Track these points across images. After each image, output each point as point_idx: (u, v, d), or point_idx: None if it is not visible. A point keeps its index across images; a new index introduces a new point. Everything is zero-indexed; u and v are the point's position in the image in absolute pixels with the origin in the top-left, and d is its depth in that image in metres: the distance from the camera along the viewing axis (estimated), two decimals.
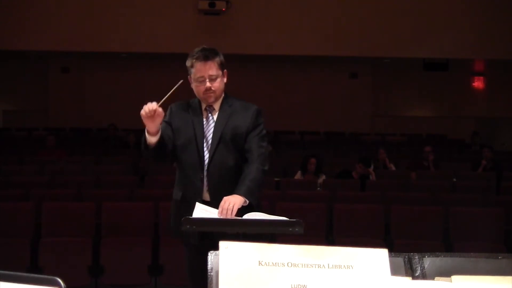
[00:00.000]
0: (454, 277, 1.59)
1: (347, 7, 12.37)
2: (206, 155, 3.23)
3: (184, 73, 3.36)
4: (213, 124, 3.27)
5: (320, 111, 14.26)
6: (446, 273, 1.64)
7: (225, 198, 2.96)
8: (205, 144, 3.24)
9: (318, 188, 7.92)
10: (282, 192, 7.33)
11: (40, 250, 5.70)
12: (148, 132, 3.06)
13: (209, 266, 1.55)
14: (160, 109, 2.97)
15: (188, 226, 2.69)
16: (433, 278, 1.64)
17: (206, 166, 3.21)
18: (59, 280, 1.16)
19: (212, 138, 3.24)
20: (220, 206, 2.92)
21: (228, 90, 3.40)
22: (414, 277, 1.66)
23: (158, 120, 3.00)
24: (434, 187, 7.85)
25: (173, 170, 3.40)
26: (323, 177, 8.26)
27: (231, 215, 2.88)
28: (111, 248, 5.77)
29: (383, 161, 9.30)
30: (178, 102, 3.43)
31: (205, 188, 3.21)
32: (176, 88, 2.97)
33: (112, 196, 6.78)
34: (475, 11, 12.33)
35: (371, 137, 13.47)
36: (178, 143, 3.27)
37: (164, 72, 14.07)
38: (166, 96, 2.99)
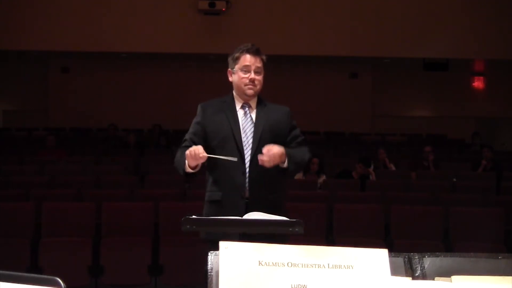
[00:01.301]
0: (454, 277, 1.59)
1: (347, 7, 12.37)
2: (247, 151, 3.28)
3: (184, 73, 3.39)
4: (251, 121, 3.34)
5: (320, 111, 14.25)
6: (446, 273, 1.64)
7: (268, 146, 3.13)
8: (244, 140, 3.30)
9: (319, 188, 7.92)
10: None
11: (40, 250, 5.70)
12: (188, 165, 3.16)
13: (209, 266, 1.55)
14: (205, 155, 3.08)
15: (188, 226, 2.68)
16: (433, 278, 1.64)
17: (249, 162, 3.27)
18: (59, 280, 1.16)
19: (254, 134, 3.30)
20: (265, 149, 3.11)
21: (230, 90, 3.44)
22: (414, 277, 1.66)
23: (200, 161, 3.11)
24: (434, 187, 7.85)
25: (173, 170, 3.39)
26: (323, 177, 8.26)
27: (271, 156, 3.09)
28: (111, 248, 5.77)
29: (383, 161, 9.30)
30: (209, 101, 3.47)
31: (247, 183, 3.26)
32: (225, 159, 3.13)
33: (112, 196, 6.78)
34: (475, 11, 12.32)
35: (371, 137, 13.46)
36: (214, 143, 3.30)
37: (164, 72, 14.11)
38: (215, 156, 3.15)
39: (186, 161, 3.15)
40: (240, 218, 2.81)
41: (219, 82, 16.74)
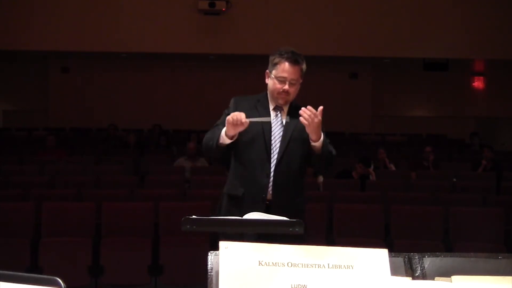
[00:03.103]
0: (454, 277, 1.59)
1: (347, 7, 12.37)
2: (274, 153, 3.26)
3: (184, 73, 3.38)
4: (281, 124, 3.31)
5: None
6: (446, 273, 1.64)
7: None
8: (272, 142, 3.28)
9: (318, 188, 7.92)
10: None
11: (40, 250, 5.70)
12: (226, 135, 3.12)
13: (209, 266, 1.55)
14: (247, 122, 3.04)
15: (188, 226, 2.68)
16: (433, 278, 1.64)
17: (274, 165, 3.25)
18: (59, 280, 1.16)
19: (282, 137, 3.28)
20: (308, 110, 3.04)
21: (230, 90, 3.43)
22: (414, 277, 1.66)
23: (240, 128, 3.07)
24: (434, 187, 7.85)
25: (172, 171, 3.40)
26: (321, 177, 8.24)
27: (315, 116, 3.03)
28: (111, 248, 5.77)
29: (383, 161, 9.31)
30: (243, 96, 3.45)
31: (270, 186, 3.24)
32: (263, 120, 3.14)
33: (112, 196, 6.78)
34: (475, 11, 12.32)
35: (371, 137, 13.46)
36: (243, 139, 3.27)
37: (164, 72, 14.11)
38: (255, 120, 3.11)
39: (223, 132, 3.12)
40: (240, 218, 2.81)
41: (219, 81, 16.82)
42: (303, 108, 3.06)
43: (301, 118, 3.06)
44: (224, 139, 3.14)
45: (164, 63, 13.80)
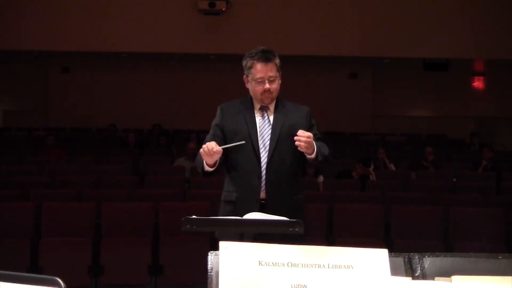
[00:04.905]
0: (454, 277, 1.59)
1: (347, 7, 12.37)
2: (263, 154, 3.28)
3: (184, 73, 3.37)
4: (269, 123, 3.33)
5: (320, 111, 14.23)
6: (446, 273, 1.64)
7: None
8: (260, 143, 3.29)
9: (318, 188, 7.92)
10: None
11: (40, 250, 5.70)
12: (206, 164, 3.14)
13: (209, 266, 1.55)
14: (219, 149, 3.04)
15: (188, 226, 2.68)
16: (433, 278, 1.64)
17: (265, 165, 3.26)
18: (59, 280, 1.16)
19: (271, 137, 3.29)
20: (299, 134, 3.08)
21: (230, 90, 3.43)
22: (414, 277, 1.66)
23: (216, 156, 3.07)
24: (434, 187, 7.85)
25: (172, 171, 3.40)
26: (321, 178, 8.24)
27: (307, 139, 3.06)
28: (111, 248, 5.77)
29: (383, 161, 9.31)
30: (228, 102, 3.46)
31: (262, 186, 3.26)
32: (236, 145, 3.13)
33: (112, 196, 6.78)
34: (475, 11, 12.32)
35: (371, 137, 13.46)
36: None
37: (164, 72, 14.11)
38: (227, 146, 3.13)
39: (204, 160, 3.13)
40: (240, 218, 2.81)
41: (219, 82, 16.78)
42: (296, 138, 3.08)
43: (299, 148, 3.09)
44: (206, 168, 3.17)
45: (164, 63, 13.80)
